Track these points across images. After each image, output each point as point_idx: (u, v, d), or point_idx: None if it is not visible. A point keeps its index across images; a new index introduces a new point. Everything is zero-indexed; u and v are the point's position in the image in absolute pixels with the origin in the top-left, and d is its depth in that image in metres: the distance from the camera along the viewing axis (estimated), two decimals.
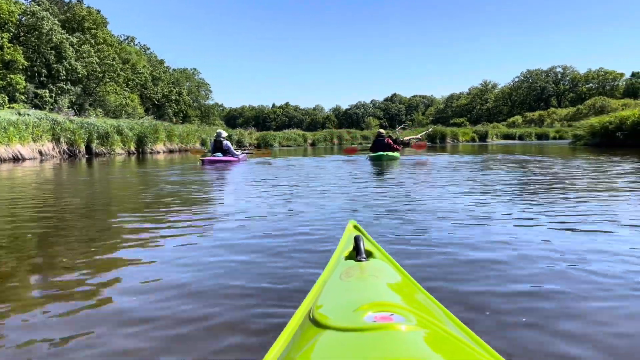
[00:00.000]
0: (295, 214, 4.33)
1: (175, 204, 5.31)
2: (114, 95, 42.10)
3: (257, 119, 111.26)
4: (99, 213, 4.86)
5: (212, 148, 14.45)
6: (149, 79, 51.43)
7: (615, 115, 17.65)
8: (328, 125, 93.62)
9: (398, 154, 14.03)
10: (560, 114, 69.69)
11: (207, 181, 8.47)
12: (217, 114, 73.89)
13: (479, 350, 0.95)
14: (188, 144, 32.03)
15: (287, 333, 1.17)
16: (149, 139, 27.40)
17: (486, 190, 5.89)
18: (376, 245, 1.85)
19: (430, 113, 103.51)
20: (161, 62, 59.97)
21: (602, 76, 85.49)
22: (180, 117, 54.86)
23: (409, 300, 1.21)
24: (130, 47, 54.85)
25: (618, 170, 8.23)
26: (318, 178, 8.32)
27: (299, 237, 3.32)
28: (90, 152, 22.99)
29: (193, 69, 65.30)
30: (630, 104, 59.75)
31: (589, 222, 3.66)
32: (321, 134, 47.78)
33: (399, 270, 1.59)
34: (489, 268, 2.49)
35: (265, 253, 2.88)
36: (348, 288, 1.32)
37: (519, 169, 9.19)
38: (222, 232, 3.59)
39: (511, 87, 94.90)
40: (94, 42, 41.56)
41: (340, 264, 1.61)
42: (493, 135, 48.90)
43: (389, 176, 8.49)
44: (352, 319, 1.01)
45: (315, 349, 0.94)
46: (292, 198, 5.47)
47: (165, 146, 29.45)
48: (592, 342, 1.65)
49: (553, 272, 2.41)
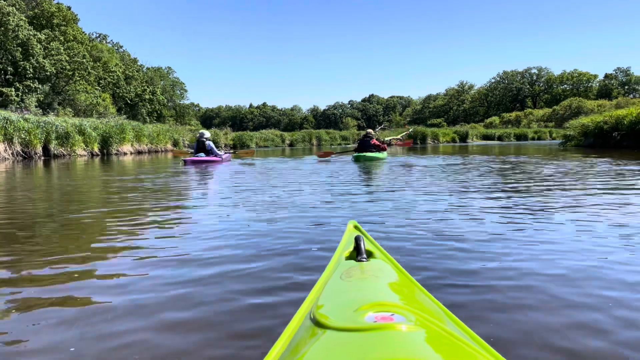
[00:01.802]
0: (294, 213, 4.30)
1: (160, 207, 5.09)
2: (85, 94, 40.52)
3: (234, 119, 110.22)
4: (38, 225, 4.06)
5: (195, 148, 14.44)
6: (122, 77, 49.98)
7: (611, 115, 16.93)
8: (306, 125, 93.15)
9: (384, 154, 13.93)
10: (537, 114, 70.35)
11: (197, 182, 8.38)
12: (193, 113, 72.73)
13: (480, 351, 0.94)
14: (159, 144, 30.43)
15: (287, 333, 1.17)
16: (115, 139, 25.53)
17: (494, 194, 5.55)
18: (377, 245, 1.83)
19: (407, 114, 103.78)
20: (134, 60, 58.55)
21: (577, 78, 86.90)
22: (155, 117, 53.49)
23: (409, 300, 1.22)
24: (102, 44, 53.51)
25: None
26: (308, 177, 8.31)
27: (298, 237, 3.30)
28: (48, 154, 21.01)
29: (167, 68, 64.06)
30: (605, 104, 60.64)
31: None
32: (299, 135, 46.68)
33: (399, 270, 1.57)
34: (490, 267, 2.50)
35: (265, 253, 2.87)
36: (349, 288, 1.32)
37: (528, 173, 8.62)
38: (220, 232, 3.55)
39: (487, 88, 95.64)
40: (63, 39, 40.30)
41: (340, 264, 1.61)
42: (473, 136, 48.85)
43: (383, 178, 8.24)
44: (352, 319, 1.01)
45: (316, 349, 0.94)
46: (288, 198, 5.42)
47: (133, 147, 27.66)
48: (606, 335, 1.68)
49: (566, 272, 2.40)
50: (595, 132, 17.48)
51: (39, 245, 3.30)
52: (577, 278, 2.31)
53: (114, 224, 4.00)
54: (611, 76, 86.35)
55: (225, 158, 15.00)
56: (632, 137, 15.45)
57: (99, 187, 7.72)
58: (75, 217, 4.49)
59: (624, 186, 5.93)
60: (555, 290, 2.14)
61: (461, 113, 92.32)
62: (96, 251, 3.09)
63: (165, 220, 4.21)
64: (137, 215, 4.43)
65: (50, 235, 3.68)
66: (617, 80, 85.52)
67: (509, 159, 12.87)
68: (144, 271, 2.58)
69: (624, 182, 6.35)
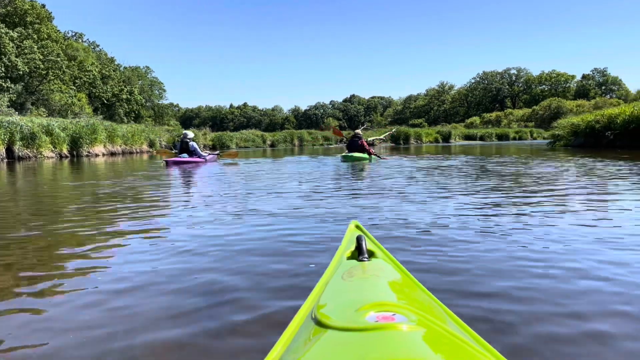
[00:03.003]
0: (294, 214, 4.30)
1: (158, 207, 5.02)
2: (59, 94, 39.35)
3: (214, 119, 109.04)
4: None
5: (179, 149, 14.33)
6: (98, 77, 48.83)
7: (602, 114, 16.55)
8: (287, 126, 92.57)
9: (367, 156, 14.12)
10: (516, 114, 70.86)
11: (190, 183, 8.32)
12: (172, 114, 71.63)
13: (481, 351, 0.94)
14: (133, 145, 29.16)
15: (289, 333, 1.17)
16: (85, 140, 24.04)
17: (495, 194, 5.45)
18: (378, 245, 1.82)
19: (388, 114, 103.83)
20: (112, 60, 57.32)
21: (555, 78, 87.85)
22: (132, 117, 52.40)
23: (411, 300, 1.22)
24: (77, 43, 52.33)
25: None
26: (306, 177, 8.30)
27: (299, 237, 3.30)
28: (12, 156, 19.73)
29: (145, 67, 62.96)
30: (584, 104, 61.39)
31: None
32: (281, 135, 45.93)
33: (401, 270, 1.56)
34: (490, 267, 2.50)
35: (266, 253, 2.86)
36: (350, 288, 1.33)
37: (529, 173, 8.33)
38: (217, 233, 3.54)
39: (467, 89, 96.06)
40: (37, 38, 39.25)
41: (342, 263, 1.60)
42: (456, 136, 48.86)
43: (382, 178, 8.09)
44: (354, 318, 1.01)
45: (317, 349, 0.94)
46: (287, 198, 5.41)
47: (106, 148, 26.29)
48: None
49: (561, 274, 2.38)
50: (586, 131, 17.14)
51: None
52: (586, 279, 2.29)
53: (81, 238, 3.48)
54: (588, 77, 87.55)
55: (209, 159, 14.80)
56: (626, 136, 15.10)
57: (64, 193, 7.12)
58: (39, 226, 3.96)
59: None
60: (555, 289, 2.14)
61: (442, 113, 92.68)
62: (61, 266, 2.79)
63: (161, 219, 4.16)
64: (114, 227, 3.90)
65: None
66: (594, 81, 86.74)
67: (506, 160, 12.59)
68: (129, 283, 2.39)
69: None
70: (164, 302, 2.08)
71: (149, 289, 2.28)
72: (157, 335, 1.76)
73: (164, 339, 1.73)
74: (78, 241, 3.43)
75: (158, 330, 1.79)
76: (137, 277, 2.47)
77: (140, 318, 1.92)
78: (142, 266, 2.68)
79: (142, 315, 1.95)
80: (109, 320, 1.92)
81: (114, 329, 1.82)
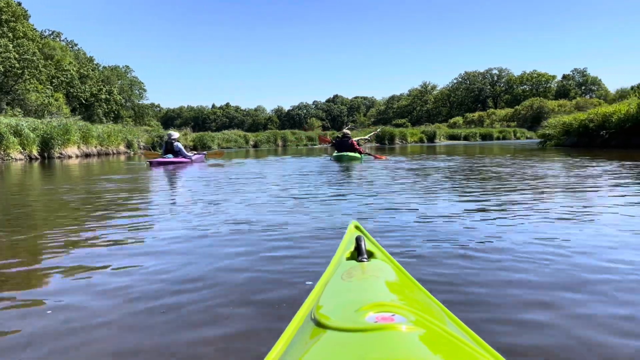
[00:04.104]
0: (293, 214, 4.27)
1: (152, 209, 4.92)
2: (36, 94, 38.29)
3: (196, 119, 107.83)
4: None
5: (164, 150, 14.22)
6: (76, 76, 47.72)
7: (596, 112, 16.22)
8: (270, 126, 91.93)
9: (359, 155, 14.15)
10: (499, 114, 71.31)
11: (175, 185, 8.20)
12: (153, 114, 70.49)
13: (481, 351, 0.94)
14: (110, 146, 27.94)
15: (288, 333, 1.16)
16: (57, 140, 22.62)
17: (495, 195, 5.36)
18: (378, 245, 1.81)
19: (371, 114, 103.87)
20: (90, 59, 56.12)
21: (536, 78, 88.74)
22: (112, 118, 51.32)
23: (410, 300, 1.22)
24: (55, 42, 51.19)
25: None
26: (304, 178, 8.24)
27: (299, 237, 3.27)
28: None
29: (125, 67, 61.68)
30: (566, 104, 62.00)
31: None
32: (264, 135, 45.28)
33: (400, 270, 1.56)
34: (490, 267, 2.47)
35: (265, 254, 2.83)
36: (349, 288, 1.32)
37: (529, 173, 8.04)
38: (217, 233, 3.49)
39: (450, 89, 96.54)
40: (12, 36, 38.32)
41: (341, 264, 1.60)
42: (440, 136, 48.85)
43: (381, 178, 7.99)
44: (353, 319, 1.01)
45: (317, 350, 0.95)
46: (285, 199, 5.35)
47: (80, 149, 24.95)
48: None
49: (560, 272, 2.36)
50: (579, 130, 16.84)
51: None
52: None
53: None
54: (569, 77, 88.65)
55: (196, 159, 14.63)
56: (621, 135, 14.81)
57: (31, 197, 6.56)
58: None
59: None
60: (553, 287, 2.15)
61: (425, 113, 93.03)
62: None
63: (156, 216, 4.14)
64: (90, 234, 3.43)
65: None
66: (574, 81, 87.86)
67: (500, 160, 12.27)
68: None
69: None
70: (159, 311, 1.99)
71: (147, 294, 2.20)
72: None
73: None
74: (41, 252, 2.96)
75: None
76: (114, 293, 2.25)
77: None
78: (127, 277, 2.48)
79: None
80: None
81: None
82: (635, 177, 6.79)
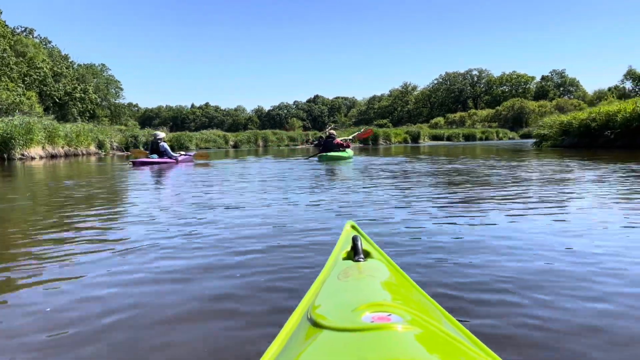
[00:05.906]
0: (291, 214, 4.24)
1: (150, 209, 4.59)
2: (6, 92, 36.81)
3: (175, 119, 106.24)
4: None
5: (150, 150, 14.12)
6: (49, 74, 46.23)
7: (599, 111, 15.68)
8: (251, 126, 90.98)
9: (349, 153, 14.07)
10: (480, 115, 71.55)
11: (183, 183, 7.97)
12: (130, 114, 69.00)
13: (476, 351, 0.95)
14: (79, 147, 26.21)
15: (284, 333, 1.16)
16: (18, 140, 20.71)
17: (496, 195, 5.25)
18: (374, 245, 1.80)
19: (352, 114, 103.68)
20: (65, 57, 54.57)
21: (515, 79, 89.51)
22: (87, 117, 49.84)
23: (406, 300, 1.22)
24: (27, 39, 49.67)
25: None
26: (298, 180, 8.01)
27: (295, 237, 3.22)
28: None
29: (101, 65, 60.17)
30: (546, 105, 62.51)
31: None
32: (244, 135, 44.27)
33: (396, 270, 1.56)
34: (489, 266, 2.45)
35: (261, 254, 2.80)
36: (346, 288, 1.32)
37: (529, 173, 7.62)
38: (214, 233, 3.41)
39: (430, 89, 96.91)
40: None
41: (337, 264, 1.59)
42: (424, 137, 48.59)
43: (375, 178, 7.78)
44: (349, 319, 1.01)
45: (313, 349, 0.95)
46: (283, 200, 5.28)
47: (45, 150, 23.12)
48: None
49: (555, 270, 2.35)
50: (580, 130, 16.34)
51: None
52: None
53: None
54: (547, 78, 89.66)
55: (182, 160, 14.39)
56: (627, 135, 14.29)
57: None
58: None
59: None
60: (552, 287, 2.12)
61: (406, 114, 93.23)
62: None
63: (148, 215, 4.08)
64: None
65: None
66: (553, 82, 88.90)
67: (496, 162, 11.73)
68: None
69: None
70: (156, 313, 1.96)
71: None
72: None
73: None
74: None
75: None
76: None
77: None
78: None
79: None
80: None
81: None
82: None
